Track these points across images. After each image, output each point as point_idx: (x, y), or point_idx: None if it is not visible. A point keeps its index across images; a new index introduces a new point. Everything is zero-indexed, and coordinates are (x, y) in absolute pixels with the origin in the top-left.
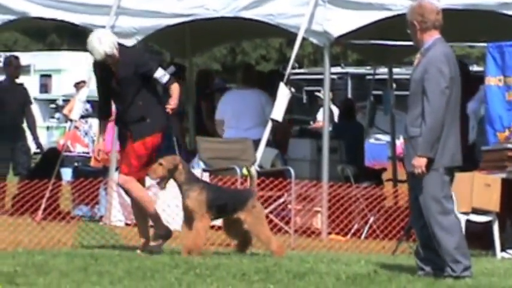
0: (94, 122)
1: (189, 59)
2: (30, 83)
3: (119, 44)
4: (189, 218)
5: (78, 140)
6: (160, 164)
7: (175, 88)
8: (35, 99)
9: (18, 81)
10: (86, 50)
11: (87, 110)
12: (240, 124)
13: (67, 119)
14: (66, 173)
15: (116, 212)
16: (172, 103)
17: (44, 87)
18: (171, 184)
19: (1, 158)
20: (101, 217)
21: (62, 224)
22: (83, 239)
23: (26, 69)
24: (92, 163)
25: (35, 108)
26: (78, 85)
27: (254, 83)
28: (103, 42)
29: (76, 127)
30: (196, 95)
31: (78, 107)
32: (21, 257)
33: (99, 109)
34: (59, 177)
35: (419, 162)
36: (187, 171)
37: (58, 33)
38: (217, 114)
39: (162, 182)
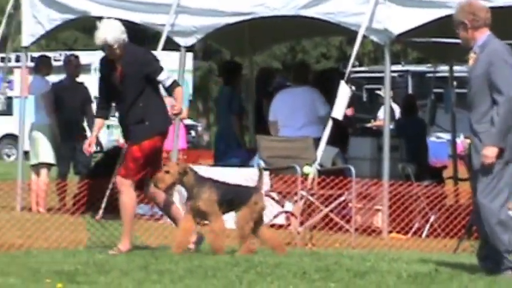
0: None
1: (248, 57)
2: (91, 81)
3: (128, 43)
4: (194, 217)
5: None
6: (167, 172)
7: (179, 92)
8: (96, 98)
9: (78, 80)
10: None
11: None
12: (293, 122)
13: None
14: None
15: None
16: (177, 107)
17: None
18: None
19: (62, 156)
20: (161, 215)
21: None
22: (144, 238)
23: (86, 68)
24: None
25: (95, 107)
26: None
27: (306, 81)
28: (108, 31)
29: None
30: (257, 93)
31: None
32: (82, 256)
33: (97, 107)
34: None
35: (491, 152)
36: (195, 173)
37: None
38: (270, 116)
39: (169, 190)
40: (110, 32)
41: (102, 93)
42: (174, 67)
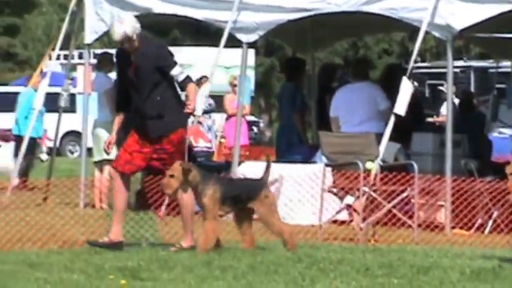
0: (217, 117)
1: (310, 53)
2: None
3: (144, 36)
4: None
5: (201, 135)
6: (172, 176)
7: (192, 89)
8: None
9: None
10: (208, 45)
11: (210, 105)
12: (351, 118)
13: (190, 114)
14: None
15: None
16: (191, 106)
17: None
18: (299, 179)
19: None
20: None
21: None
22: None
23: None
24: (215, 158)
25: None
26: (200, 81)
27: (365, 76)
28: (124, 23)
29: (199, 122)
30: (319, 89)
31: (201, 102)
32: (145, 252)
33: (116, 102)
34: None
35: None
36: (199, 171)
37: (181, 29)
38: (331, 112)
39: (175, 193)
40: (127, 25)
41: (120, 87)
42: (236, 63)
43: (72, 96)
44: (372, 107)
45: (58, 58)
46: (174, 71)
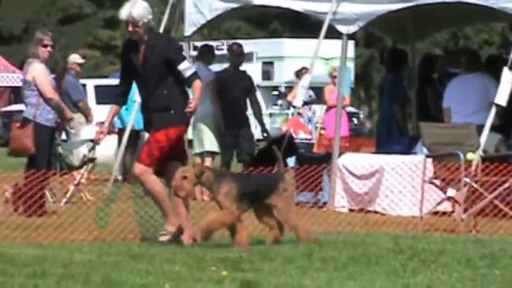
0: (317, 109)
1: (410, 44)
2: (253, 70)
3: (153, 30)
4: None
5: (301, 126)
6: (185, 178)
7: (197, 86)
8: (258, 86)
9: (241, 68)
10: (307, 36)
11: (310, 96)
12: (464, 109)
13: (290, 105)
14: (290, 160)
15: (339, 198)
16: (193, 104)
17: (267, 74)
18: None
19: (225, 145)
20: (325, 203)
21: None
22: (307, 226)
23: (248, 57)
24: (315, 149)
25: (257, 96)
26: (300, 72)
27: (478, 67)
28: (135, 6)
29: (299, 114)
30: (419, 80)
31: (301, 94)
32: None
33: (115, 93)
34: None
35: None
36: (212, 171)
37: (280, 20)
38: (444, 102)
39: (188, 196)
40: (137, 8)
41: (123, 79)
42: (336, 55)
43: None
44: (484, 99)
45: None
46: (182, 66)
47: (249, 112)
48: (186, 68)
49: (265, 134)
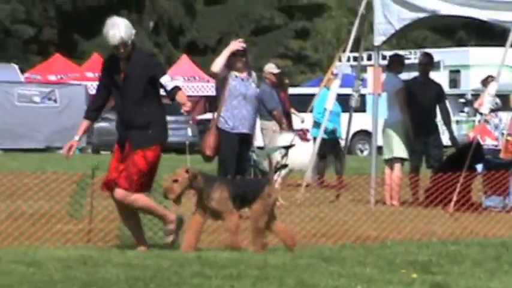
0: (504, 116)
1: None
2: (440, 78)
3: (135, 44)
4: (206, 217)
5: (487, 133)
6: (176, 181)
7: (181, 94)
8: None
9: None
10: (493, 45)
11: (497, 103)
12: None
13: (477, 112)
14: (478, 166)
15: None
16: (187, 105)
17: (453, 83)
18: None
19: (414, 151)
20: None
21: (474, 214)
22: (495, 230)
23: (435, 65)
24: (502, 155)
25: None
26: (486, 81)
27: None
28: (120, 28)
29: (486, 121)
30: None
31: (488, 101)
32: (435, 247)
33: (88, 109)
34: (473, 170)
35: None
36: (203, 175)
37: (466, 29)
38: None
39: (178, 199)
40: (124, 30)
41: (100, 94)
42: None
43: (362, 97)
44: None
45: (348, 60)
46: (164, 79)
47: (437, 119)
48: (168, 81)
49: (452, 144)
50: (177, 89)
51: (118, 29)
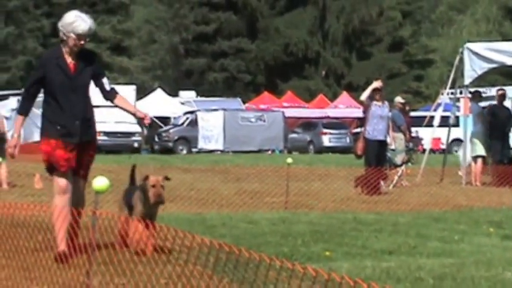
0: None
1: None
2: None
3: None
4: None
5: None
6: (162, 187)
7: (122, 99)
8: None
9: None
10: None
11: None
12: None
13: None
14: None
15: None
16: (146, 118)
17: None
18: None
19: (493, 151)
20: None
21: None
22: None
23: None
24: None
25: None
26: None
27: None
28: (89, 21)
29: None
30: None
31: None
32: (504, 212)
33: (22, 104)
34: None
35: None
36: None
37: None
38: None
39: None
40: (91, 23)
41: (32, 91)
42: None
43: (457, 118)
44: None
45: (448, 94)
46: (105, 79)
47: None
48: (107, 82)
49: None
50: (114, 91)
51: (87, 21)
